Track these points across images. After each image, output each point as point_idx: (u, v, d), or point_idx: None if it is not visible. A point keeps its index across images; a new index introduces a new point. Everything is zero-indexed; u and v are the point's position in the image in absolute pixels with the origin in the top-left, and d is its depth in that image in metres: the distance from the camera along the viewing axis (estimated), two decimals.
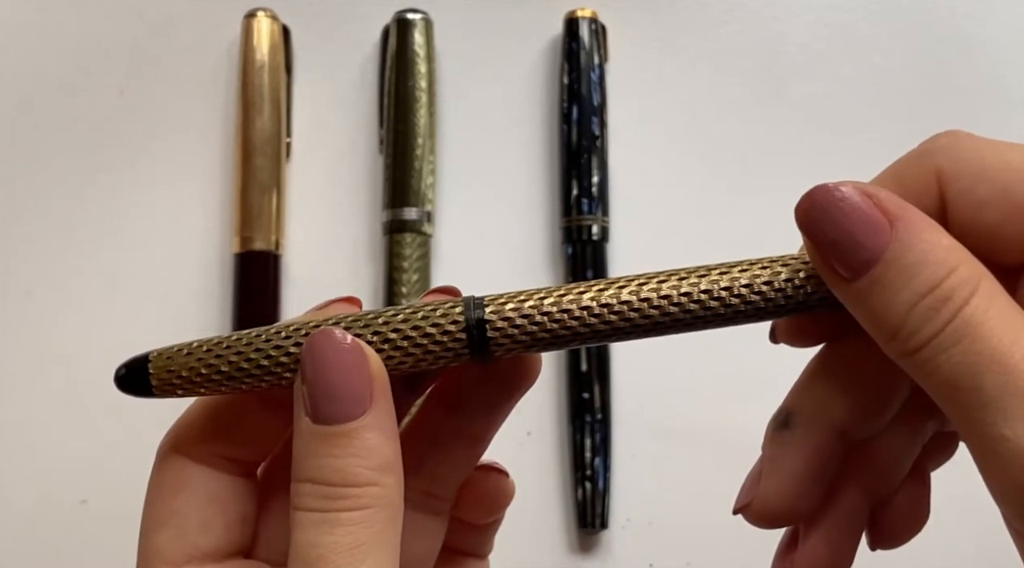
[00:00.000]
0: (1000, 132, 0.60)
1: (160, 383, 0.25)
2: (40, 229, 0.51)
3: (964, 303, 0.21)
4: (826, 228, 0.22)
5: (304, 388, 0.23)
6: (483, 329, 0.23)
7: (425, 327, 0.23)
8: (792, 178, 0.53)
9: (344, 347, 0.23)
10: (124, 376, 0.25)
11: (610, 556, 0.49)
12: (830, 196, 0.22)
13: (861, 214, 0.22)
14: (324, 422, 0.23)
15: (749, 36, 0.55)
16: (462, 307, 0.24)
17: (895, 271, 0.21)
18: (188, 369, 0.24)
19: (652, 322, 0.24)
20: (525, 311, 0.23)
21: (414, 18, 0.52)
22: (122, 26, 0.54)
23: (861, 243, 0.21)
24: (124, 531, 0.49)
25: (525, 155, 0.53)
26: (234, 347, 0.24)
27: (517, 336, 0.23)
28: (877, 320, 0.22)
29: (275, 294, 0.50)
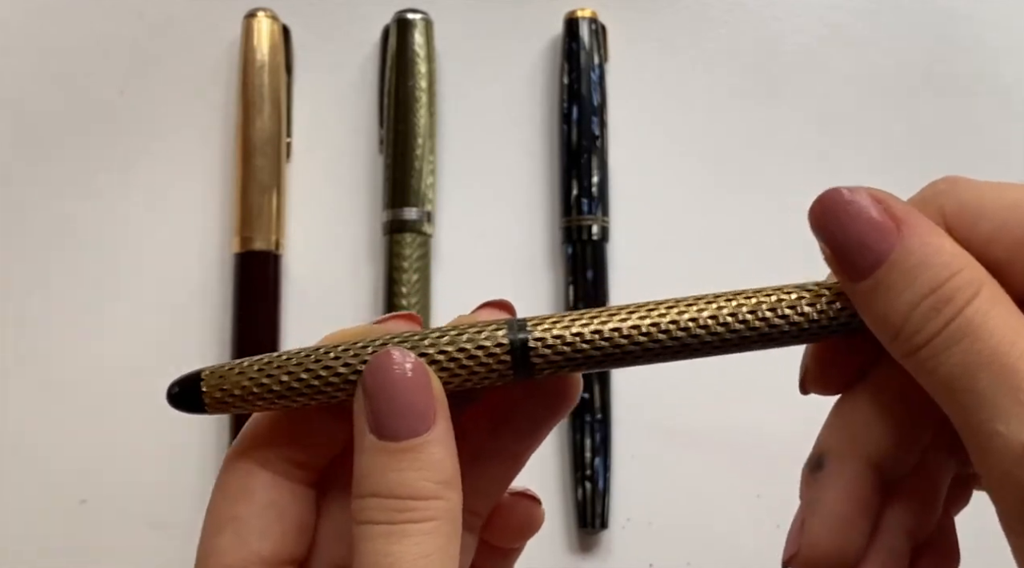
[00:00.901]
0: (1000, 132, 0.60)
1: (212, 401, 0.25)
2: (40, 229, 0.51)
3: (966, 304, 0.21)
4: (835, 231, 0.23)
5: (367, 406, 0.24)
6: (526, 351, 0.25)
7: (471, 349, 0.25)
8: (792, 177, 0.53)
9: (409, 366, 0.24)
10: (177, 394, 0.26)
11: (610, 556, 0.49)
12: (840, 200, 0.23)
13: (868, 217, 0.23)
14: (390, 438, 0.23)
15: (749, 36, 0.55)
16: (506, 329, 0.25)
17: (898, 273, 0.22)
18: (240, 387, 0.25)
19: (688, 345, 0.25)
20: (568, 337, 0.25)
21: (414, 18, 0.52)
22: (122, 26, 0.54)
23: (868, 245, 0.23)
24: (124, 531, 0.49)
25: (525, 155, 0.53)
26: (285, 366, 0.25)
27: (559, 360, 0.25)
28: (881, 320, 0.22)
29: (275, 294, 0.50)
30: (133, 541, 0.49)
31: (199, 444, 0.49)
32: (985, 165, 0.54)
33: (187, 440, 0.49)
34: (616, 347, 0.25)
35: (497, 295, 0.53)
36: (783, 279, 0.56)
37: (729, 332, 0.25)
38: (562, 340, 0.24)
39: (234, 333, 0.49)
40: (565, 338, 0.24)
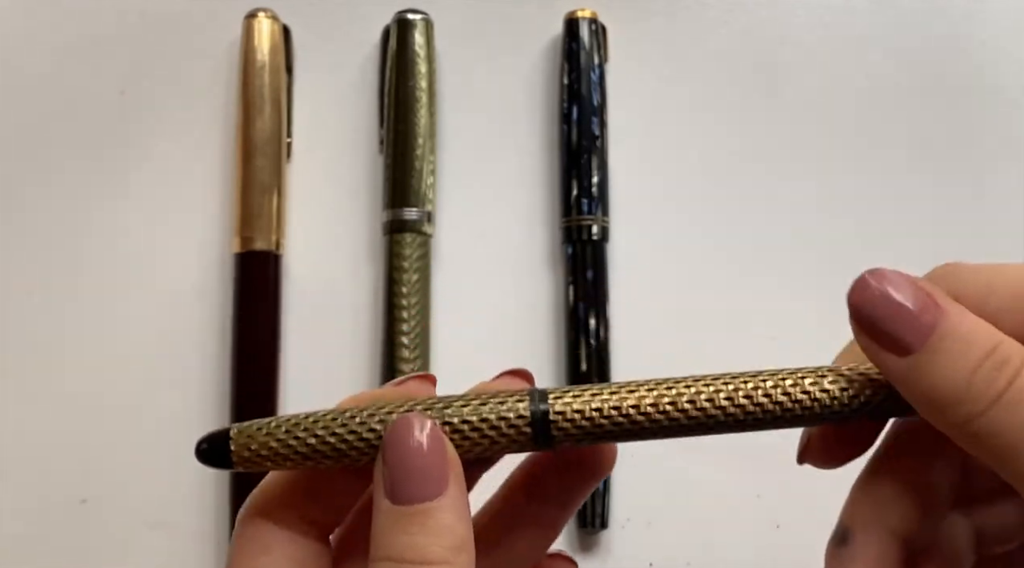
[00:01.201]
0: (1000, 132, 0.60)
1: (240, 459, 0.26)
2: (40, 229, 0.51)
3: (1022, 363, 0.22)
4: (880, 306, 0.24)
5: (385, 470, 0.24)
6: (547, 423, 0.25)
7: (493, 419, 0.25)
8: (792, 177, 0.53)
9: (424, 433, 0.25)
10: (205, 451, 0.26)
11: (610, 556, 0.49)
12: (876, 281, 0.24)
13: (912, 289, 0.24)
14: (403, 502, 0.24)
15: (749, 36, 0.55)
16: (528, 401, 0.25)
17: (951, 340, 0.23)
18: (268, 448, 0.26)
19: (704, 424, 0.25)
20: (588, 412, 0.25)
21: (414, 18, 0.52)
22: (122, 26, 0.54)
23: (917, 316, 0.23)
24: (124, 531, 0.49)
25: (525, 155, 0.53)
26: (312, 429, 0.26)
27: (578, 434, 0.25)
28: (938, 389, 0.23)
29: (275, 294, 0.50)
30: (133, 541, 0.49)
31: None
32: (985, 165, 0.54)
33: (187, 440, 0.49)
34: (634, 423, 0.25)
35: (497, 295, 0.54)
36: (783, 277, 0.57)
37: (744, 414, 0.25)
38: (582, 414, 0.25)
39: (234, 333, 0.50)
40: (585, 412, 0.25)
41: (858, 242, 0.53)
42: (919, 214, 0.53)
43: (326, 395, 0.50)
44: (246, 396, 0.49)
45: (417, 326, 0.49)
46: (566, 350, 0.50)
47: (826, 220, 0.53)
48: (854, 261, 0.54)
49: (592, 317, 0.50)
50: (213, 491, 0.49)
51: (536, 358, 0.51)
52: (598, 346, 0.50)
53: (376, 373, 0.50)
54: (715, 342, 0.51)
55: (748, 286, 0.52)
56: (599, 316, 0.50)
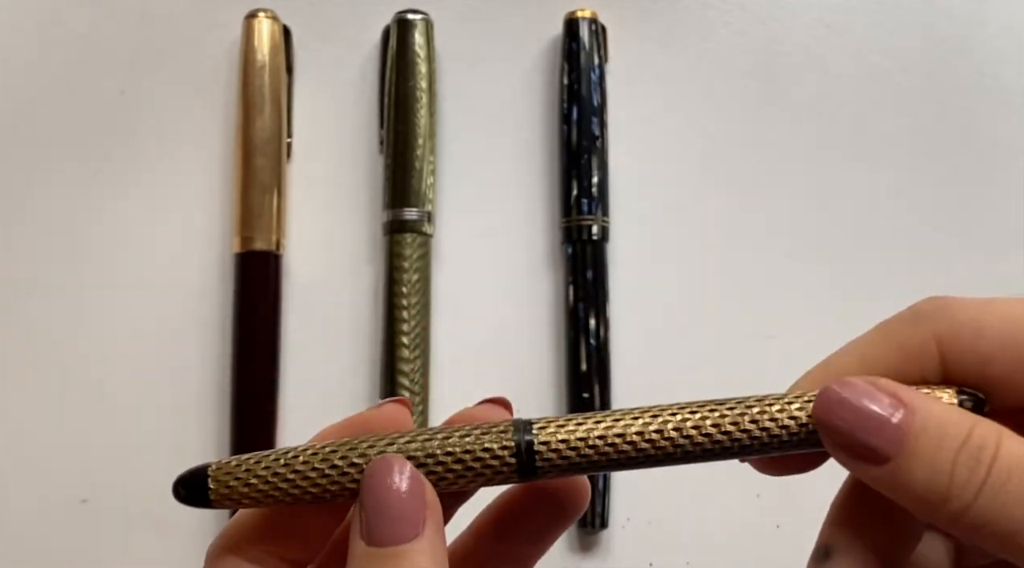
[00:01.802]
0: (1000, 132, 0.60)
1: (219, 498, 0.25)
2: (40, 229, 0.51)
3: (998, 445, 0.22)
4: (849, 420, 0.23)
5: (361, 511, 0.24)
6: (531, 453, 0.25)
7: (476, 451, 0.25)
8: (791, 177, 0.53)
9: (402, 475, 0.24)
10: (185, 496, 0.26)
11: (610, 556, 0.49)
12: (835, 396, 0.23)
13: (877, 396, 0.23)
14: (378, 544, 0.23)
15: (749, 36, 0.55)
16: (512, 431, 0.25)
17: (924, 438, 0.22)
18: (246, 485, 0.25)
19: (691, 453, 0.25)
20: (573, 442, 0.25)
21: (414, 19, 0.52)
22: (123, 26, 0.54)
23: (887, 423, 0.22)
24: (124, 531, 0.49)
25: (525, 155, 0.53)
26: (291, 465, 0.25)
27: (563, 464, 0.25)
28: (922, 491, 0.22)
29: (275, 294, 0.50)
30: (133, 541, 0.49)
31: (199, 444, 0.49)
32: (985, 165, 0.54)
33: (187, 440, 0.49)
34: (620, 453, 0.25)
35: (497, 295, 0.54)
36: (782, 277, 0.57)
37: (730, 441, 0.25)
38: (567, 444, 0.25)
39: (234, 333, 0.50)
40: (570, 442, 0.25)
41: (857, 242, 0.53)
42: (919, 214, 0.53)
43: (326, 396, 0.50)
44: (246, 396, 0.49)
45: (417, 326, 0.49)
46: (566, 350, 0.50)
47: (825, 220, 0.53)
48: (853, 261, 0.55)
49: (592, 317, 0.50)
50: None
51: (536, 358, 0.51)
52: (598, 346, 0.50)
53: (376, 372, 0.50)
54: (714, 342, 0.51)
55: (747, 286, 0.52)
56: (599, 316, 0.50)
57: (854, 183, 0.54)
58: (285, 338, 0.50)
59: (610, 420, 0.25)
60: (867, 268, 0.53)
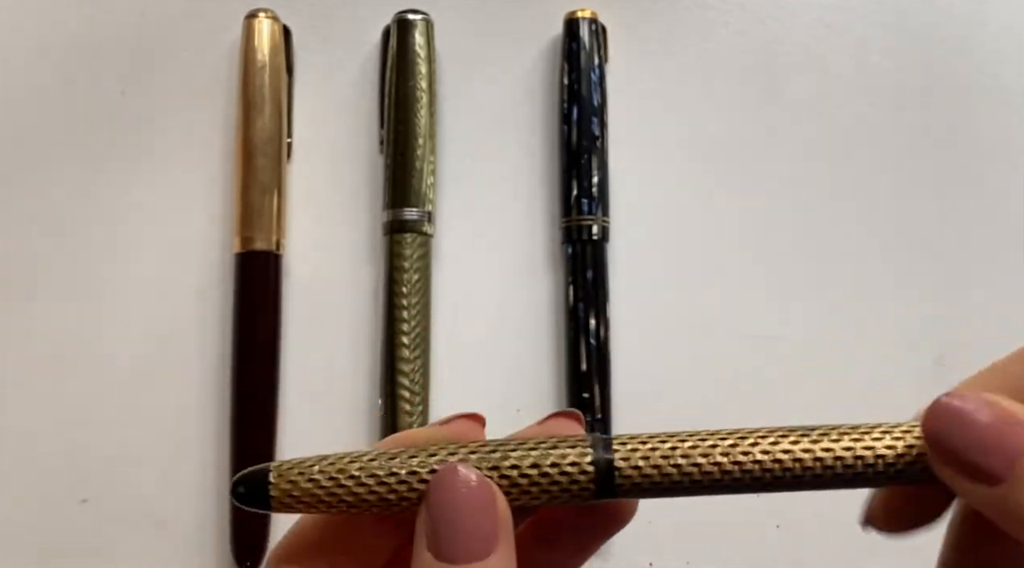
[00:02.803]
0: (1000, 132, 0.60)
1: (280, 505, 0.24)
2: (40, 229, 0.51)
3: None
4: (961, 435, 0.22)
5: (428, 523, 0.23)
6: (611, 473, 0.24)
7: (551, 468, 0.24)
8: (792, 177, 0.53)
9: (473, 485, 0.23)
10: (243, 494, 0.24)
11: (610, 556, 0.49)
12: (960, 403, 0.22)
13: (992, 412, 0.22)
14: (448, 560, 0.22)
15: (749, 36, 0.55)
16: (591, 451, 0.24)
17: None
18: (309, 494, 0.24)
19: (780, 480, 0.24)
20: (655, 461, 0.24)
21: (414, 19, 0.52)
22: (123, 26, 0.54)
23: (1002, 442, 0.22)
24: (124, 531, 0.49)
25: (525, 155, 0.53)
26: (355, 474, 0.24)
27: (643, 485, 0.24)
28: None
29: (275, 294, 0.50)
30: (133, 541, 0.49)
31: (199, 443, 0.49)
32: (985, 165, 0.54)
33: (187, 440, 0.49)
34: (705, 474, 0.24)
35: (497, 295, 0.54)
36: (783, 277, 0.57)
37: (822, 467, 0.24)
38: (648, 463, 0.24)
39: (234, 333, 0.50)
40: (652, 462, 0.24)
41: (857, 242, 0.53)
42: (919, 214, 0.53)
43: (326, 396, 0.50)
44: (246, 396, 0.49)
45: (417, 326, 0.49)
46: (566, 350, 0.50)
47: (825, 220, 0.53)
48: (853, 261, 0.55)
49: (592, 317, 0.50)
50: (213, 491, 0.49)
51: (536, 358, 0.51)
52: (598, 346, 0.50)
53: (376, 372, 0.50)
54: (714, 342, 0.51)
55: (748, 286, 0.52)
56: (599, 316, 0.50)
57: (854, 183, 0.54)
58: (285, 338, 0.50)
59: (694, 440, 0.24)
60: (867, 268, 0.53)
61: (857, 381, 0.51)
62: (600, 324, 0.50)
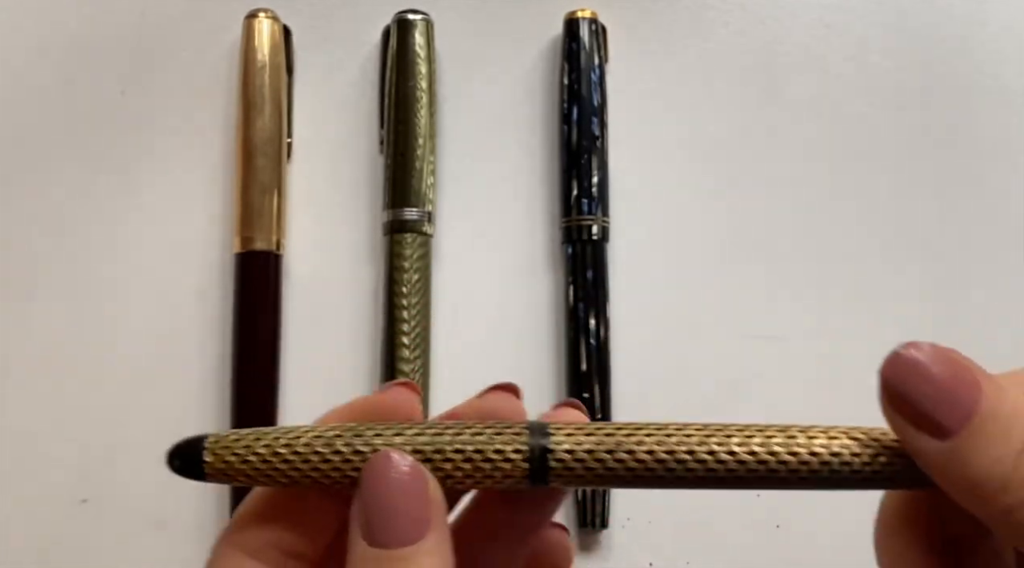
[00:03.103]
0: (1000, 132, 0.60)
1: (213, 471, 0.24)
2: (40, 229, 0.51)
3: None
4: (916, 384, 0.22)
5: (361, 509, 0.23)
6: (545, 458, 0.24)
7: (488, 451, 0.24)
8: (792, 177, 0.53)
9: (404, 471, 0.23)
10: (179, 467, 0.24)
11: (610, 556, 0.49)
12: (917, 354, 0.22)
13: (952, 365, 0.22)
14: (380, 545, 0.22)
15: (748, 36, 0.55)
16: (527, 434, 0.24)
17: (992, 422, 0.21)
18: (244, 462, 0.24)
19: (714, 474, 0.24)
20: (590, 446, 0.24)
21: (414, 19, 0.52)
22: (123, 26, 0.54)
23: (956, 397, 0.21)
24: (124, 531, 0.49)
25: (525, 155, 0.53)
26: (293, 445, 0.24)
27: (578, 473, 0.24)
28: (978, 477, 0.21)
29: (275, 294, 0.50)
30: (133, 541, 0.49)
31: None
32: (985, 165, 0.54)
33: None
34: (641, 465, 0.23)
35: (497, 295, 0.54)
36: (784, 277, 0.57)
37: (760, 465, 0.23)
38: (584, 452, 0.24)
39: (234, 333, 0.50)
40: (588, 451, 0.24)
41: (857, 242, 0.53)
42: (919, 214, 0.53)
43: (326, 395, 0.50)
44: (246, 396, 0.49)
45: (417, 326, 0.49)
46: (566, 350, 0.50)
47: (825, 220, 0.53)
48: (853, 261, 0.55)
49: (592, 317, 0.50)
50: (213, 491, 0.49)
51: (536, 358, 0.51)
52: (598, 346, 0.50)
53: (376, 373, 0.50)
54: (714, 341, 0.51)
55: (748, 286, 0.52)
56: (599, 316, 0.50)
57: (854, 183, 0.54)
58: (285, 338, 0.50)
59: (633, 428, 0.24)
60: (867, 268, 0.53)
61: (857, 381, 0.51)
62: (600, 324, 0.50)
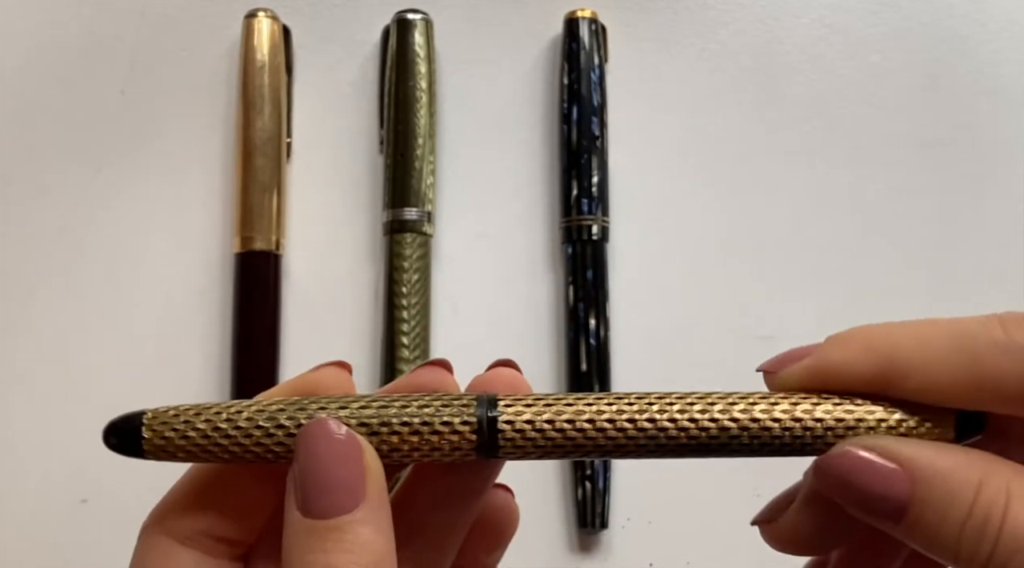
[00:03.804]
0: (1000, 132, 0.60)
1: (153, 449, 0.24)
2: (40, 229, 0.51)
3: (1003, 516, 0.21)
4: (847, 492, 0.23)
5: (295, 480, 0.22)
6: (495, 431, 0.23)
7: (436, 423, 0.23)
8: (791, 177, 0.53)
9: (338, 439, 0.22)
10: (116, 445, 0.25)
11: (610, 556, 0.49)
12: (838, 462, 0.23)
13: (872, 469, 0.22)
14: (315, 516, 0.22)
15: (748, 36, 0.55)
16: (475, 406, 0.23)
17: (928, 512, 0.22)
18: (183, 438, 0.24)
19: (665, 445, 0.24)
20: (540, 423, 0.23)
21: (414, 18, 0.52)
22: (123, 26, 0.54)
23: (887, 495, 0.22)
24: (124, 531, 0.49)
25: (525, 155, 0.53)
26: (234, 421, 0.23)
27: (528, 446, 0.23)
28: (934, 549, 0.22)
29: (275, 294, 0.50)
30: (133, 541, 0.49)
31: None
32: (985, 165, 0.54)
33: None
34: (589, 439, 0.23)
35: (497, 295, 0.54)
36: (783, 277, 0.57)
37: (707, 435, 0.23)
38: (533, 425, 0.23)
39: (234, 333, 0.50)
40: (536, 423, 0.23)
41: (858, 242, 0.53)
42: (919, 214, 0.53)
43: None
44: (246, 396, 0.49)
45: (417, 326, 0.49)
46: (566, 350, 0.50)
47: (826, 220, 0.53)
48: (853, 260, 0.55)
49: (592, 317, 0.50)
50: None
51: (536, 358, 0.51)
52: (598, 346, 0.50)
53: (376, 373, 0.50)
54: (714, 342, 0.51)
55: (747, 286, 0.52)
56: (599, 316, 0.50)
57: (854, 183, 0.54)
58: (285, 338, 0.50)
59: (582, 403, 0.23)
60: (867, 268, 0.53)
61: None
62: (600, 324, 0.50)
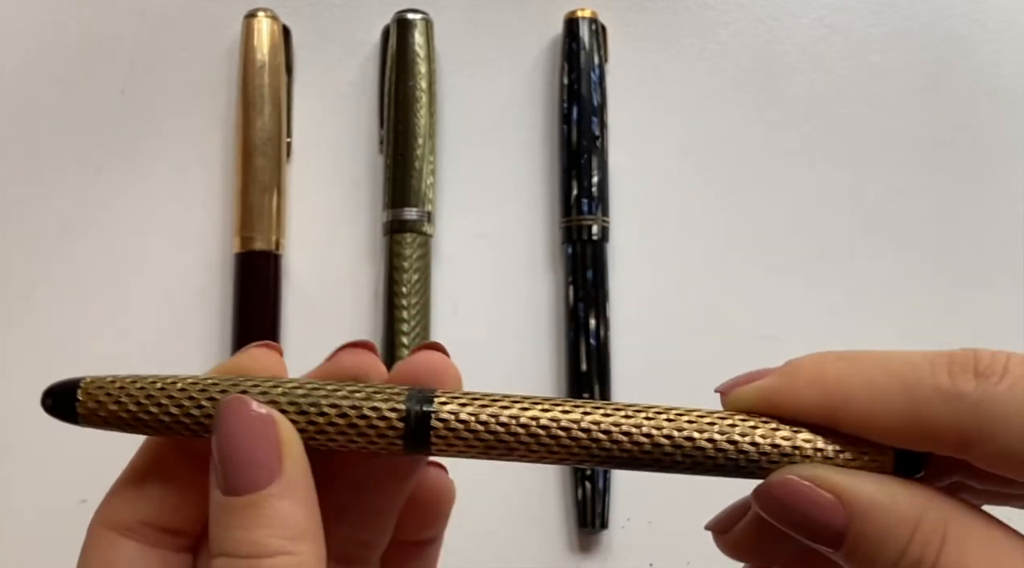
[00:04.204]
0: (1000, 132, 0.60)
1: (87, 413, 0.24)
2: (40, 229, 0.51)
3: (936, 558, 0.21)
4: (785, 519, 0.23)
5: (214, 458, 0.22)
6: (426, 426, 0.23)
7: (364, 408, 0.23)
8: (791, 177, 0.53)
9: (251, 414, 0.22)
10: (52, 406, 0.25)
11: (610, 556, 0.49)
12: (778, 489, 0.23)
13: (809, 499, 0.22)
14: (232, 492, 0.22)
15: (748, 36, 0.55)
16: (406, 397, 0.23)
17: (864, 545, 0.22)
18: (116, 403, 0.24)
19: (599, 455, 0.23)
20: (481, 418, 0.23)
21: (414, 18, 0.52)
22: (123, 26, 0.54)
23: (824, 524, 0.22)
24: None
25: (525, 155, 0.53)
26: (168, 390, 0.23)
27: (459, 445, 0.23)
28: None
29: (275, 294, 0.50)
30: None
31: None
32: (985, 165, 0.54)
33: None
34: (522, 443, 0.23)
35: (497, 295, 0.54)
36: (783, 277, 0.57)
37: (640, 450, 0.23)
38: (466, 425, 0.23)
39: (234, 333, 0.50)
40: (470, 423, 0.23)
41: (857, 241, 0.53)
42: (919, 214, 0.53)
43: None
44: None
45: (417, 326, 0.49)
46: (566, 350, 0.50)
47: (826, 220, 0.53)
48: (853, 260, 0.55)
49: (592, 317, 0.50)
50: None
51: (536, 358, 0.51)
52: (598, 346, 0.50)
53: None
54: (714, 342, 0.51)
55: (748, 285, 0.52)
56: (599, 316, 0.50)
57: (854, 183, 0.54)
58: (285, 338, 0.50)
59: (521, 405, 0.23)
60: (867, 268, 0.53)
61: None
62: (600, 324, 0.50)
